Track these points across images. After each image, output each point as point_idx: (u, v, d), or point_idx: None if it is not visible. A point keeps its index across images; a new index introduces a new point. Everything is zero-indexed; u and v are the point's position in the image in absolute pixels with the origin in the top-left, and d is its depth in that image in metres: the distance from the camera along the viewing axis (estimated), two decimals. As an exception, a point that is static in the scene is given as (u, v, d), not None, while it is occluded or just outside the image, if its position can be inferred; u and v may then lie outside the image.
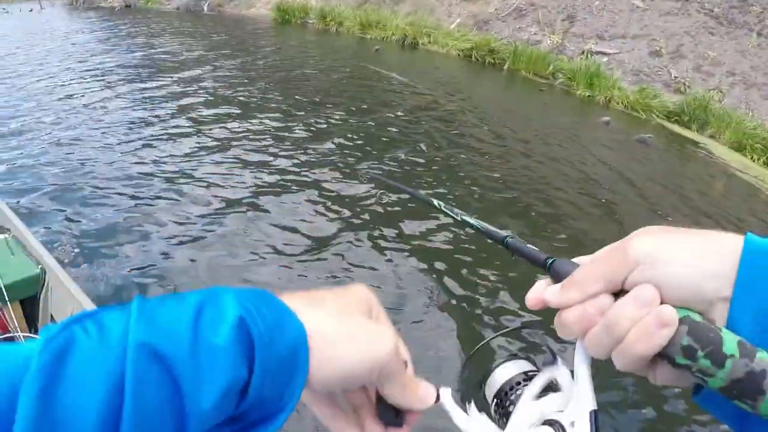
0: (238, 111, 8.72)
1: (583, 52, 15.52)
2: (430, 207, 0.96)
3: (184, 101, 9.14)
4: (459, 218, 0.83)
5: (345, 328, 0.46)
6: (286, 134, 7.70)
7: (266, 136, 7.56)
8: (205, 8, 29.20)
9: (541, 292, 0.53)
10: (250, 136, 7.57)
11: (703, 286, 0.44)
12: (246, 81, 10.79)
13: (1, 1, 29.84)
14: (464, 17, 18.82)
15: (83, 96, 9.06)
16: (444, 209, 0.91)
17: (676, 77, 14.00)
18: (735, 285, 0.43)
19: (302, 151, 7.12)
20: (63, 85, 9.82)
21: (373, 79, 12.33)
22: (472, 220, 0.79)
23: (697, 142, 11.51)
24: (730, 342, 0.40)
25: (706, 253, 0.45)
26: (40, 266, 2.87)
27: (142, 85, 10.05)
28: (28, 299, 2.94)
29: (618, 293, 0.47)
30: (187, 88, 9.90)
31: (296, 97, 9.94)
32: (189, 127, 7.93)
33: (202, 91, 9.78)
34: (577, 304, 0.49)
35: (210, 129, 7.79)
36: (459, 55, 17.29)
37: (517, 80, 15.34)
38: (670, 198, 7.39)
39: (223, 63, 12.41)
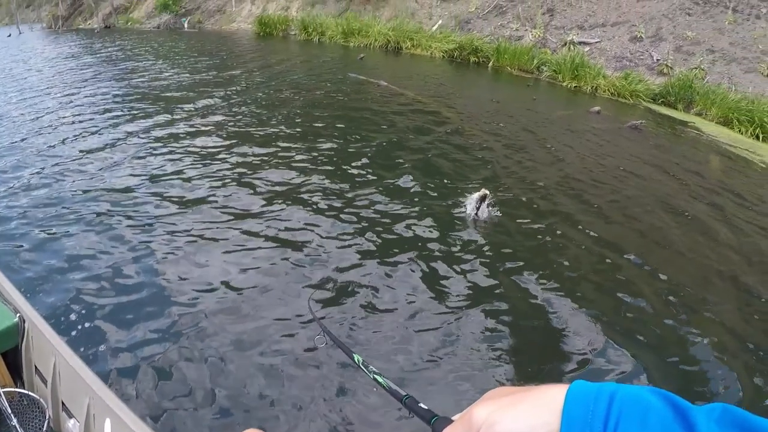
0: (225, 141, 8.06)
1: (565, 44, 15.81)
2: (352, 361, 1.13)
3: (171, 130, 8.60)
4: (371, 376, 1.00)
5: None
6: (276, 165, 7.03)
7: (256, 174, 6.78)
8: (185, 26, 29.42)
9: None
10: (232, 170, 6.87)
11: None
12: (233, 107, 10.30)
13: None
14: (445, 18, 19.08)
15: (68, 131, 8.45)
16: (361, 366, 1.08)
17: (658, 60, 14.31)
18: (560, 430, 0.50)
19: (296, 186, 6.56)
20: (49, 123, 9.02)
21: (362, 91, 12.16)
22: (380, 379, 0.95)
23: (686, 122, 11.76)
24: None
25: (535, 408, 0.52)
26: (18, 314, 2.73)
27: (130, 115, 9.47)
28: (10, 350, 2.80)
29: None
30: (176, 117, 9.38)
31: (287, 121, 9.38)
32: (176, 158, 7.30)
33: (187, 120, 9.23)
34: None
35: (202, 159, 7.24)
36: (443, 56, 17.51)
37: (503, 77, 15.49)
38: (673, 183, 7.45)
39: (212, 88, 11.98)
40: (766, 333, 4.26)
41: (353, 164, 7.09)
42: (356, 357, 1.12)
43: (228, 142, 7.95)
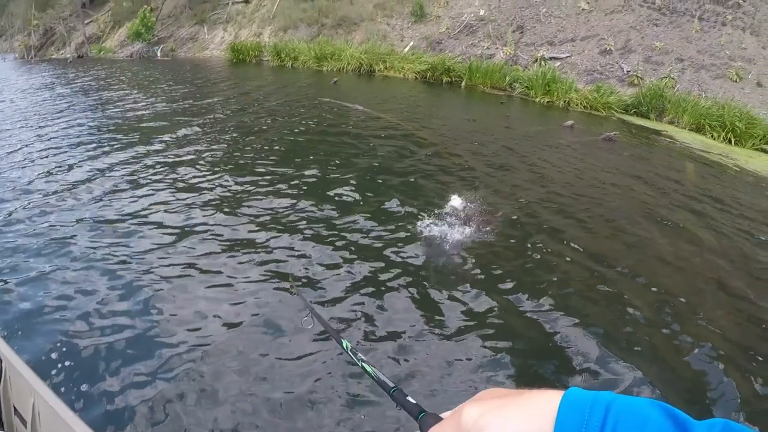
0: (206, 171, 7.88)
1: (536, 60, 16.07)
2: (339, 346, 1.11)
3: (150, 161, 8.35)
4: (360, 364, 0.99)
5: None
6: (250, 205, 6.68)
7: (231, 208, 6.57)
8: (159, 54, 29.40)
9: None
10: (207, 201, 6.75)
11: None
12: (212, 135, 10.10)
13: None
14: (417, 40, 19.29)
15: (45, 164, 8.16)
16: (349, 353, 1.07)
17: (628, 71, 14.59)
18: None
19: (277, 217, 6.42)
20: (25, 156, 8.70)
21: (339, 116, 12.07)
22: (369, 369, 0.95)
23: (659, 131, 11.98)
24: None
25: (528, 413, 0.51)
26: None
27: (108, 146, 9.17)
28: None
29: None
30: (155, 148, 9.15)
31: (267, 149, 9.20)
32: (157, 190, 7.12)
33: (166, 150, 9.00)
34: None
35: (182, 190, 7.08)
36: (416, 77, 17.67)
37: (477, 95, 15.68)
38: (652, 192, 7.61)
39: (190, 117, 11.81)
40: (758, 336, 4.30)
41: (337, 190, 7.01)
42: (345, 343, 1.11)
43: (208, 172, 7.81)
